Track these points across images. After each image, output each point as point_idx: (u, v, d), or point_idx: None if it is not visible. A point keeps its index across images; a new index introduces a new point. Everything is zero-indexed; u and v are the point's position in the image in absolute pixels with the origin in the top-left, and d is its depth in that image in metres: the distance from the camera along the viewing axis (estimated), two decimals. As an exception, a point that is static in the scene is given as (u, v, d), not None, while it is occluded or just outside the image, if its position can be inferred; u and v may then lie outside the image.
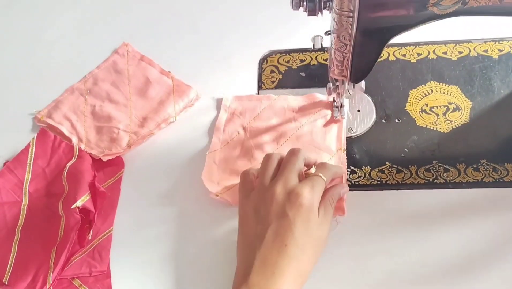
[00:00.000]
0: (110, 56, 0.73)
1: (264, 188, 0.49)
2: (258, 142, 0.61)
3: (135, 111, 0.66)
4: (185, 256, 0.54)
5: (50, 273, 0.52)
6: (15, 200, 0.59)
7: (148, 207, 0.58)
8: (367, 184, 0.57)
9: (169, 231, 0.56)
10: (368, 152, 0.59)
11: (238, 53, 0.71)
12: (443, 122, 0.60)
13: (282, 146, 0.60)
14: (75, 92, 0.69)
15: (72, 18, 0.79)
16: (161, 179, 0.60)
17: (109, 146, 0.63)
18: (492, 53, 0.66)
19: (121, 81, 0.70)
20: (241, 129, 0.63)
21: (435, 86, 0.63)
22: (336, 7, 0.45)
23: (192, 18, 0.77)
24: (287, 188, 0.48)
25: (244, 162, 0.59)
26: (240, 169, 0.57)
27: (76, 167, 0.60)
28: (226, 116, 0.64)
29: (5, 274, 0.54)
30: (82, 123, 0.66)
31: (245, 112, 0.64)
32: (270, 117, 0.63)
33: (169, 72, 0.70)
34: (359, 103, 0.63)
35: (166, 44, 0.74)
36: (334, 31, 0.48)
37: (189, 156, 0.62)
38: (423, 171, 0.57)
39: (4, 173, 0.61)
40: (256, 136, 0.62)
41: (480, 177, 0.56)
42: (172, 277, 0.53)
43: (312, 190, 0.48)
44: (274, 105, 0.64)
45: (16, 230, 0.57)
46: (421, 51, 0.67)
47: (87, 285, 0.53)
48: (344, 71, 0.52)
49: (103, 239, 0.56)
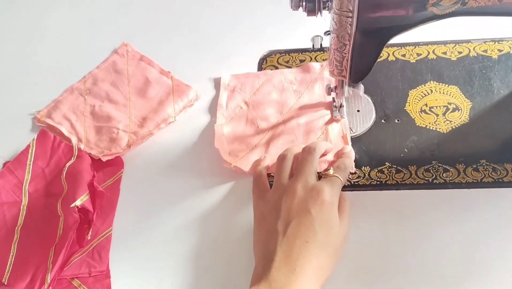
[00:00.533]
0: (109, 56, 0.73)
1: (283, 187, 0.50)
2: (261, 114, 0.64)
3: (134, 111, 0.66)
4: (185, 256, 0.54)
5: (48, 272, 0.52)
6: (15, 200, 0.59)
7: (147, 207, 0.58)
8: (366, 184, 0.57)
9: (169, 231, 0.56)
10: (368, 152, 0.59)
11: (237, 53, 0.71)
12: (443, 122, 0.60)
13: (285, 115, 0.63)
14: (74, 92, 0.69)
15: (72, 18, 0.79)
16: (161, 179, 0.60)
17: (109, 146, 0.63)
18: (491, 53, 0.66)
19: (121, 81, 0.70)
20: (243, 104, 0.65)
21: (435, 86, 0.63)
22: (336, 7, 0.45)
23: (191, 18, 0.77)
24: (307, 186, 0.49)
25: (251, 132, 0.62)
26: (248, 138, 0.61)
27: (75, 167, 0.60)
28: (227, 94, 0.66)
29: (4, 274, 0.54)
30: (81, 123, 0.66)
31: (244, 88, 0.66)
32: (269, 91, 0.66)
33: (169, 72, 0.70)
34: (359, 103, 0.63)
35: (166, 44, 0.74)
36: (334, 31, 0.48)
37: (189, 156, 0.62)
38: (422, 171, 0.57)
39: (4, 174, 0.61)
40: (259, 108, 0.64)
41: (480, 177, 0.56)
42: (172, 277, 0.53)
43: (332, 188, 0.49)
44: (272, 79, 0.67)
45: (15, 230, 0.57)
46: (421, 51, 0.67)
47: (86, 285, 0.53)
48: (343, 71, 0.52)
49: (102, 239, 0.56)
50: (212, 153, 0.61)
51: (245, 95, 0.66)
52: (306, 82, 0.66)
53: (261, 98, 0.65)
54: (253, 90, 0.66)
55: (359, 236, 0.53)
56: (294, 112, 0.63)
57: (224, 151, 0.60)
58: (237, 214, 0.56)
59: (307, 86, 0.65)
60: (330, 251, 0.47)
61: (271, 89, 0.66)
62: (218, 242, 0.54)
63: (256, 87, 0.66)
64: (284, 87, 0.66)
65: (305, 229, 0.46)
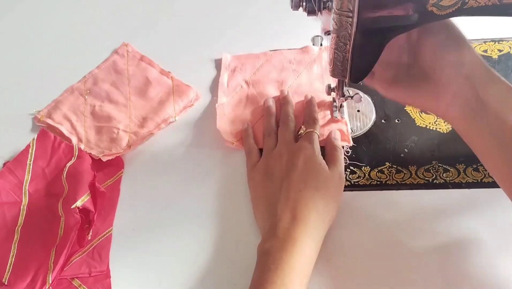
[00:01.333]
0: (110, 56, 0.73)
1: (270, 155, 0.56)
2: (262, 92, 0.66)
3: (135, 111, 0.66)
4: (185, 256, 0.54)
5: (50, 273, 0.52)
6: (15, 200, 0.59)
7: (147, 207, 0.58)
8: (366, 184, 0.57)
9: (169, 231, 0.56)
10: (368, 152, 0.59)
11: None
12: (443, 122, 0.60)
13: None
14: (75, 92, 0.69)
15: (72, 18, 0.79)
16: (161, 179, 0.60)
17: (109, 146, 0.63)
18: (491, 53, 0.66)
19: (121, 81, 0.70)
20: (243, 83, 0.67)
21: (435, 86, 0.63)
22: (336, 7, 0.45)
23: (192, 18, 0.77)
24: (289, 148, 0.55)
25: (251, 110, 0.64)
26: (248, 118, 0.64)
27: (75, 167, 0.60)
28: (228, 73, 0.68)
29: (4, 274, 0.54)
30: (82, 123, 0.66)
31: (245, 68, 0.69)
32: (269, 71, 0.68)
33: (169, 72, 0.70)
34: (359, 104, 0.63)
35: (166, 44, 0.74)
36: (334, 31, 0.48)
37: (189, 157, 0.62)
38: (422, 171, 0.57)
39: (4, 174, 0.61)
40: (258, 87, 0.66)
41: (480, 177, 0.56)
42: (172, 277, 0.53)
43: (309, 142, 0.55)
44: (272, 59, 0.69)
45: (15, 230, 0.57)
46: (421, 51, 0.67)
47: (86, 285, 0.53)
48: (344, 71, 0.52)
49: (102, 239, 0.56)
50: (213, 153, 0.61)
51: (245, 75, 0.68)
52: (304, 62, 0.68)
53: (261, 77, 0.67)
54: (254, 70, 0.68)
55: (359, 236, 0.53)
56: (292, 91, 0.65)
57: (226, 130, 0.62)
58: (238, 214, 0.56)
59: (305, 66, 0.67)
60: (325, 194, 0.51)
61: (271, 69, 0.68)
62: (219, 242, 0.54)
63: (257, 67, 0.68)
64: (284, 67, 0.68)
65: (296, 182, 0.51)
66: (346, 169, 0.58)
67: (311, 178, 0.51)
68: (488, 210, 0.54)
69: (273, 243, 0.47)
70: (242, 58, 0.70)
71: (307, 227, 0.48)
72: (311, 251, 0.48)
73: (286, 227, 0.48)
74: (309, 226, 0.48)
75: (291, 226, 0.48)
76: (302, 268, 0.46)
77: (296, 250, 0.46)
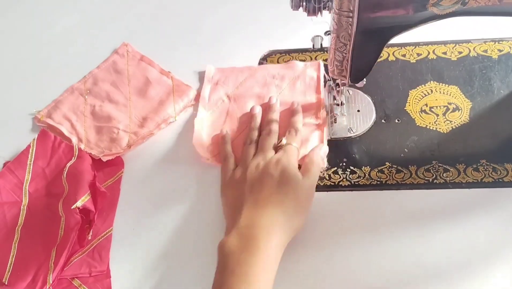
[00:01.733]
0: (110, 56, 0.73)
1: (247, 165, 0.55)
2: (242, 108, 0.65)
3: (135, 111, 0.66)
4: (185, 256, 0.54)
5: (50, 273, 0.52)
6: (15, 200, 0.59)
7: (147, 207, 0.58)
8: (366, 184, 0.57)
9: (169, 231, 0.56)
10: (368, 152, 0.59)
11: (238, 53, 0.71)
12: (443, 122, 0.60)
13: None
14: (75, 92, 0.69)
15: (72, 18, 0.79)
16: (161, 179, 0.60)
17: (109, 146, 0.63)
18: (491, 53, 0.66)
19: (121, 81, 0.70)
20: (225, 97, 0.66)
21: (435, 86, 0.63)
22: (336, 7, 0.45)
23: (192, 18, 0.77)
24: (266, 160, 0.55)
25: (230, 126, 0.63)
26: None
27: (76, 167, 0.60)
28: (210, 86, 0.67)
29: (5, 274, 0.54)
30: (82, 123, 0.66)
31: (228, 81, 0.67)
32: (252, 86, 0.67)
33: (169, 72, 0.70)
34: (359, 103, 0.63)
35: (166, 44, 0.74)
36: (334, 31, 0.48)
37: (189, 156, 0.62)
38: (422, 171, 0.57)
39: (5, 174, 0.61)
40: (240, 102, 0.65)
41: (480, 177, 0.56)
42: (172, 277, 0.53)
43: (287, 155, 0.55)
44: (255, 74, 0.68)
45: (16, 230, 0.57)
46: (421, 51, 0.67)
47: (86, 285, 0.53)
48: (343, 71, 0.52)
49: (102, 239, 0.56)
50: (212, 153, 0.61)
51: (228, 89, 0.67)
52: (288, 78, 0.66)
53: (243, 92, 0.66)
54: (236, 84, 0.67)
55: (359, 236, 0.53)
56: None
57: (202, 146, 0.61)
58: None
59: (289, 82, 0.66)
60: (296, 201, 0.51)
61: (253, 84, 0.67)
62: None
63: (240, 81, 0.67)
64: (267, 82, 0.66)
65: (268, 186, 0.52)
66: (346, 169, 0.58)
67: (283, 184, 0.51)
68: (488, 210, 0.54)
69: (236, 243, 0.47)
70: (226, 71, 0.69)
71: (275, 229, 0.48)
72: (276, 254, 0.48)
73: (250, 224, 0.48)
74: (277, 228, 0.48)
75: (255, 221, 0.48)
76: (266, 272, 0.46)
77: (260, 253, 0.46)
